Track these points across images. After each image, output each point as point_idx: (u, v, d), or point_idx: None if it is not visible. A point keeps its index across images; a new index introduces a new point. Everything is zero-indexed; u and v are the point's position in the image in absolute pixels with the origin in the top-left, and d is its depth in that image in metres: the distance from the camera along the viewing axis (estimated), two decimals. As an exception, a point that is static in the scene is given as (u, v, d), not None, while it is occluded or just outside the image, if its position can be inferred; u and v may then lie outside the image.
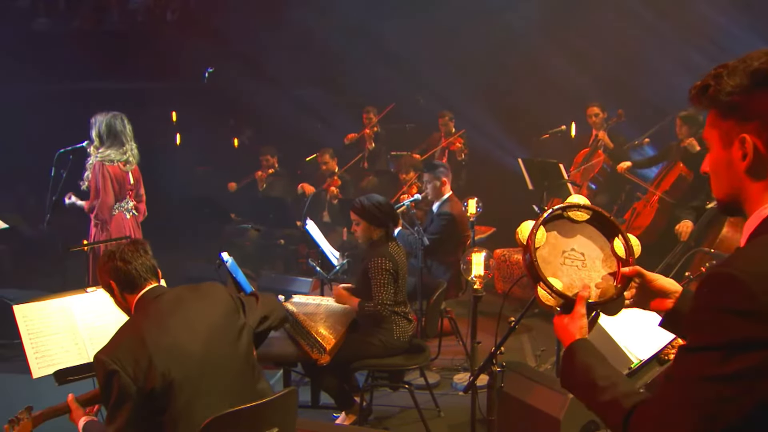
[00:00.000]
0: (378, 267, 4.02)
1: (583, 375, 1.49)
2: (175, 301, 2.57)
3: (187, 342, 2.45)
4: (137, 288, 2.58)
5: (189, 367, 2.42)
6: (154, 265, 2.64)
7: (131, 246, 2.63)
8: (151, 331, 2.41)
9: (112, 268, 2.58)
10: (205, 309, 2.60)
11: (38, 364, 3.17)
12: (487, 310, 4.18)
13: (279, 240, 7.49)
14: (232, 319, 2.65)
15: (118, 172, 5.19)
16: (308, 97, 9.95)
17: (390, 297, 4.00)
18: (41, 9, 12.33)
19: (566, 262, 1.72)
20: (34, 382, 3.16)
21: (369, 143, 8.51)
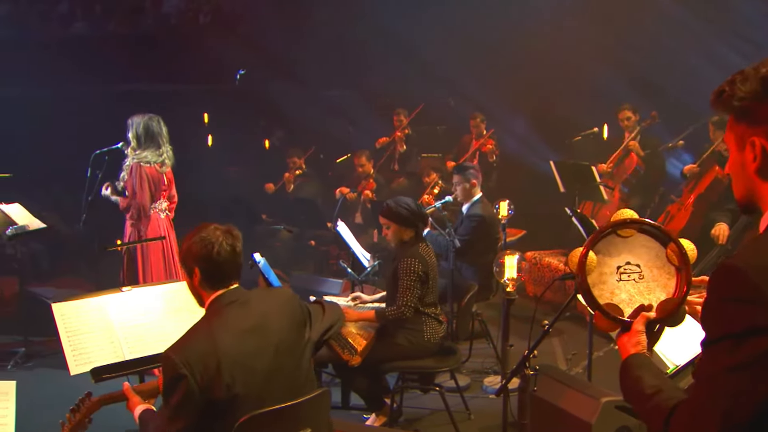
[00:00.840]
0: (407, 268, 4.02)
1: (634, 386, 1.54)
2: (250, 310, 2.50)
3: (255, 357, 2.41)
4: (219, 286, 2.51)
5: (253, 382, 2.39)
6: (241, 264, 2.56)
7: (229, 239, 2.52)
8: (224, 339, 2.37)
9: (205, 256, 2.47)
10: (277, 321, 2.54)
11: (75, 361, 3.22)
12: (517, 313, 4.17)
13: (310, 241, 7.53)
14: (300, 334, 2.61)
15: (154, 173, 5.27)
16: (339, 99, 9.98)
17: (414, 300, 4.00)
18: (79, 13, 12.56)
19: (623, 277, 1.72)
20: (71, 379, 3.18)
21: (400, 145, 8.51)
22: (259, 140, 10.19)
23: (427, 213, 4.52)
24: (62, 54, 10.95)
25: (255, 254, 3.98)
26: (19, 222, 5.81)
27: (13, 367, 5.56)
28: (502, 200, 5.19)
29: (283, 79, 9.57)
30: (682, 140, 6.85)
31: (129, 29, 12.28)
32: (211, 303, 2.51)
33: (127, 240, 5.41)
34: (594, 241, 1.72)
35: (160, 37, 11.86)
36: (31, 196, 8.87)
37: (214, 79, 10.42)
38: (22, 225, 5.79)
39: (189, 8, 12.18)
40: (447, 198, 5.49)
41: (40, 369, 5.53)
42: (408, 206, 4.18)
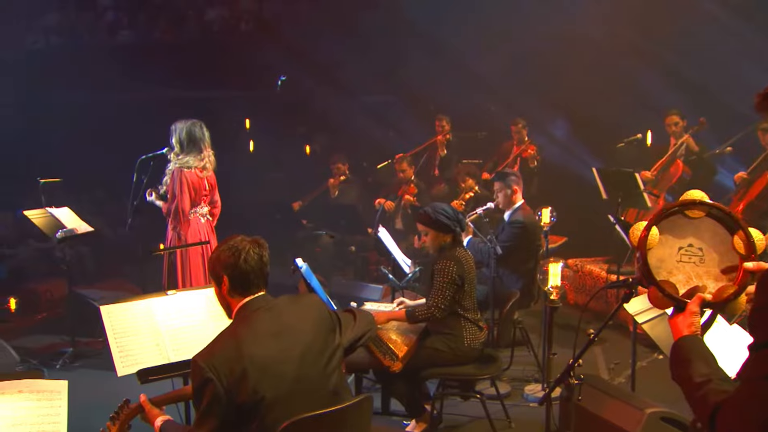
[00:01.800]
0: (442, 269, 4.04)
1: (683, 370, 1.54)
2: (276, 315, 2.55)
3: (281, 361, 2.45)
4: (247, 293, 2.57)
5: (280, 386, 2.43)
6: (267, 273, 2.62)
7: (256, 248, 2.59)
8: (249, 344, 2.42)
9: (232, 264, 2.55)
10: (303, 327, 2.58)
11: (122, 363, 3.27)
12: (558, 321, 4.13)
13: (350, 247, 7.56)
14: (328, 340, 2.64)
15: (195, 178, 5.35)
16: (380, 105, 10.02)
17: (446, 301, 4.00)
18: (124, 22, 12.86)
19: (683, 258, 1.69)
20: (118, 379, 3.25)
21: (441, 150, 8.51)
22: (300, 146, 10.28)
23: (465, 218, 4.51)
24: (108, 61, 11.23)
25: (297, 259, 4.01)
26: (68, 225, 5.97)
27: (62, 366, 5.70)
28: (545, 207, 5.16)
29: (324, 84, 9.64)
30: (731, 147, 6.71)
31: (173, 37, 12.53)
32: (239, 310, 2.58)
33: (168, 243, 5.51)
34: (659, 218, 1.70)
35: (202, 44, 12.07)
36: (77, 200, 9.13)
37: (256, 85, 10.57)
38: (70, 228, 5.95)
39: (231, 16, 12.37)
40: (488, 205, 5.47)
41: (87, 369, 5.67)
42: (445, 212, 4.18)
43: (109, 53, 11.78)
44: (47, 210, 6.03)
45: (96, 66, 11.22)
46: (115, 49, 12.20)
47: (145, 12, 12.92)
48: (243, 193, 8.09)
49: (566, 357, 3.21)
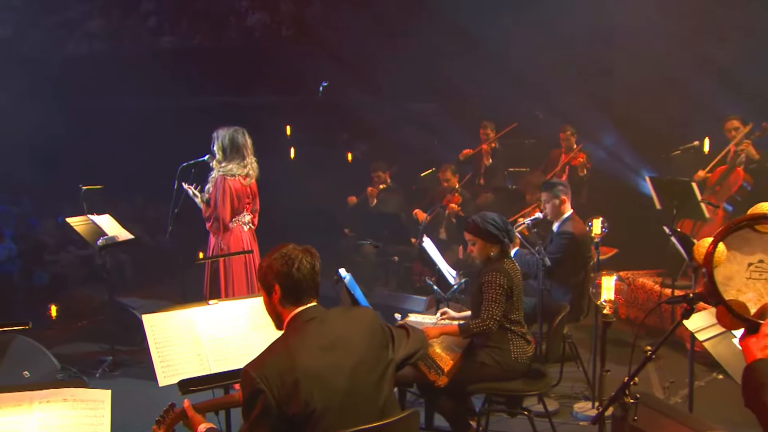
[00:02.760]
0: (491, 281, 4.01)
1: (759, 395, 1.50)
2: (329, 327, 2.57)
3: (334, 373, 2.47)
4: (299, 303, 2.59)
5: (332, 399, 2.44)
6: (319, 283, 2.63)
7: (308, 257, 2.61)
8: (302, 355, 2.44)
9: (285, 272, 2.57)
10: (356, 340, 2.59)
11: (164, 373, 3.32)
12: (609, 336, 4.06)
13: (393, 257, 7.56)
14: (381, 355, 2.65)
15: (239, 185, 5.41)
16: (424, 112, 10.01)
17: (500, 313, 3.97)
18: (166, 28, 13.11)
19: (753, 275, 1.65)
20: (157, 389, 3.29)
21: (486, 159, 8.47)
22: (342, 153, 10.33)
23: (514, 229, 4.48)
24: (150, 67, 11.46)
25: (340, 270, 4.03)
26: (109, 233, 6.09)
27: (101, 375, 5.82)
28: (595, 217, 5.09)
29: (366, 90, 9.68)
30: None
31: (214, 43, 12.72)
32: (290, 320, 2.60)
33: (210, 251, 5.58)
34: (726, 233, 1.66)
35: (243, 49, 12.23)
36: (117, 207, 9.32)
37: (297, 91, 10.67)
38: (111, 236, 6.07)
39: (272, 21, 12.52)
40: (536, 215, 5.42)
41: (127, 378, 5.78)
42: (495, 222, 4.16)
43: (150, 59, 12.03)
44: (89, 217, 6.17)
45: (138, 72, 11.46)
46: (156, 55, 12.45)
47: (186, 17, 13.16)
48: (282, 201, 8.15)
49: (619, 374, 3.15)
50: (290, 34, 12.00)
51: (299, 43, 11.28)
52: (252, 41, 12.38)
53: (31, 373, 5.10)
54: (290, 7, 12.30)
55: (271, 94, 11.38)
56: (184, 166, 5.56)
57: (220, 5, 12.94)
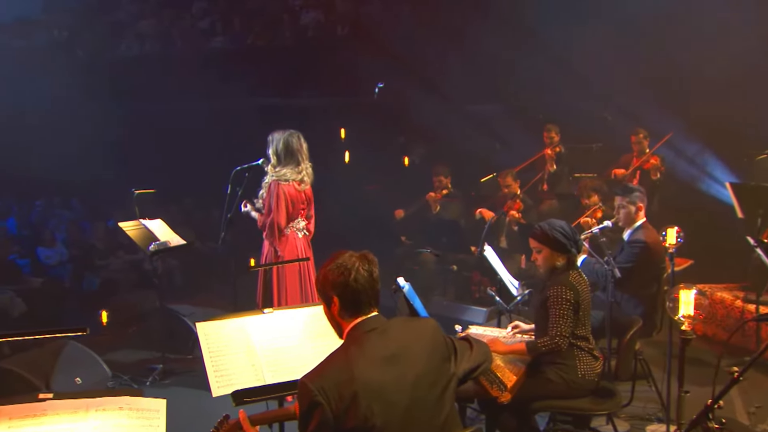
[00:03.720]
0: (557, 296, 3.95)
1: None
2: (390, 338, 2.58)
3: (394, 388, 2.47)
4: (358, 313, 2.60)
5: (392, 414, 2.44)
6: (378, 291, 2.64)
7: (365, 265, 2.62)
8: (361, 367, 2.45)
9: (342, 283, 2.58)
10: (417, 352, 2.59)
11: (218, 383, 3.35)
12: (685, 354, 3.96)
13: (452, 265, 7.54)
14: (443, 369, 2.64)
15: (293, 191, 5.47)
16: (484, 114, 9.94)
17: (569, 329, 3.91)
18: (219, 28, 13.36)
19: None
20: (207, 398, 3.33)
21: (550, 164, 8.36)
22: (399, 157, 10.35)
23: (582, 238, 4.41)
24: (201, 69, 11.68)
25: (399, 279, 4.03)
26: (161, 238, 6.22)
27: (152, 383, 5.94)
28: (670, 226, 4.97)
29: (425, 92, 9.67)
30: None
31: (267, 42, 12.89)
32: (350, 331, 2.60)
33: (264, 258, 5.64)
34: None
35: (297, 49, 12.36)
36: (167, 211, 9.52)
37: (352, 92, 10.73)
38: (163, 241, 6.19)
39: (327, 20, 12.61)
40: (606, 223, 5.33)
41: (178, 387, 5.88)
42: (563, 230, 4.10)
43: (202, 59, 12.25)
44: (141, 222, 6.29)
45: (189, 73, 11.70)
46: (208, 56, 12.68)
47: (239, 17, 13.37)
48: (337, 207, 8.20)
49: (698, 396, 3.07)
50: (345, 33, 12.08)
51: (355, 42, 11.34)
52: (306, 41, 12.50)
53: (82, 380, 5.26)
54: (346, 5, 12.38)
55: (325, 95, 11.47)
56: (237, 170, 5.61)
57: (274, 4, 13.11)
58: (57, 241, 10.08)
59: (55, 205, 12.87)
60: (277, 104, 11.58)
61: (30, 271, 9.34)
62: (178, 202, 11.52)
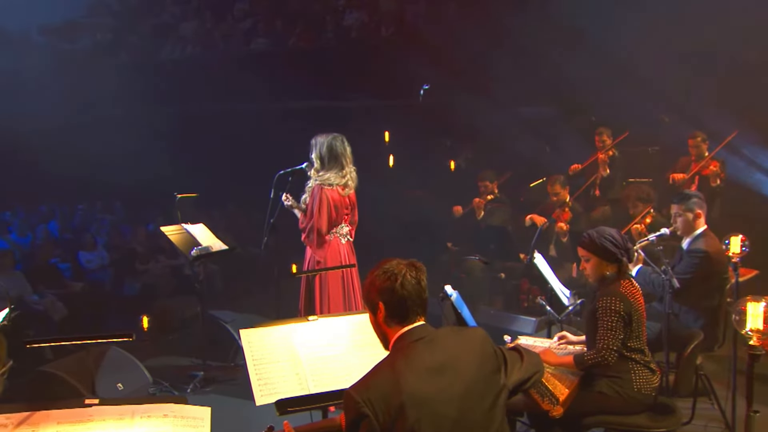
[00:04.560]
0: (606, 307, 3.89)
1: None
2: (438, 348, 2.57)
3: (443, 399, 2.46)
4: (405, 322, 2.60)
5: (440, 427, 2.44)
6: (426, 299, 2.64)
7: (412, 272, 2.62)
8: (408, 378, 2.44)
9: (388, 289, 2.59)
10: (467, 363, 2.58)
11: (261, 391, 3.38)
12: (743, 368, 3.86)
13: (500, 273, 7.49)
14: (492, 381, 2.63)
15: (337, 196, 5.49)
16: (534, 117, 9.87)
17: (617, 342, 3.84)
18: (260, 29, 13.49)
19: None
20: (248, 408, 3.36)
21: (602, 169, 8.25)
22: (444, 161, 10.32)
23: (637, 247, 4.34)
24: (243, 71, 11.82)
25: (447, 287, 4.02)
26: (203, 243, 6.29)
27: (193, 391, 6.00)
28: (734, 234, 4.86)
29: (471, 94, 9.63)
30: None
31: (309, 44, 12.98)
32: (397, 340, 2.60)
33: (306, 264, 5.67)
34: None
35: (340, 51, 12.42)
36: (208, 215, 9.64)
37: (397, 94, 10.73)
38: (205, 246, 6.26)
39: (371, 20, 12.65)
40: (663, 230, 5.23)
41: (219, 395, 5.93)
42: (613, 238, 4.04)
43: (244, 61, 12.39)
44: (183, 226, 6.35)
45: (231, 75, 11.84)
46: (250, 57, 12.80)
47: (282, 18, 13.49)
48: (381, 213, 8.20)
49: (767, 416, 2.98)
50: (390, 34, 12.11)
51: (399, 43, 11.37)
52: (349, 42, 12.55)
53: (124, 386, 5.35)
54: (390, 4, 12.40)
55: (368, 97, 11.49)
56: (280, 174, 5.67)
57: (317, 4, 13.18)
58: (98, 245, 10.28)
59: (98, 209, 13.14)
60: (320, 107, 11.65)
61: (71, 276, 9.54)
62: (219, 206, 11.65)
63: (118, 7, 14.98)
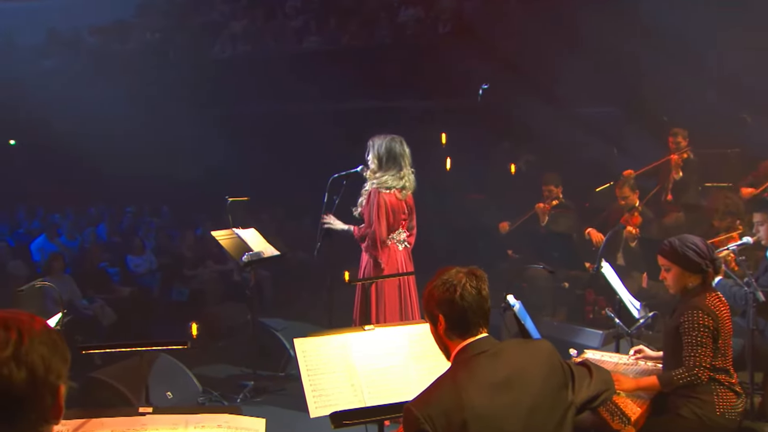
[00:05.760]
0: (693, 322, 3.78)
1: None
2: (502, 362, 2.54)
3: (507, 416, 2.44)
4: (466, 334, 2.58)
5: None
6: (488, 310, 2.61)
7: (473, 281, 2.58)
8: (472, 394, 2.42)
9: (447, 301, 2.56)
10: (532, 378, 2.54)
11: (315, 403, 3.38)
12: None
13: (563, 283, 7.40)
14: (560, 397, 2.59)
15: (394, 200, 5.46)
16: (600, 117, 9.73)
17: (709, 359, 3.73)
18: (313, 27, 13.58)
19: None
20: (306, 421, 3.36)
21: (675, 172, 8.07)
22: (504, 164, 10.26)
23: (719, 257, 4.22)
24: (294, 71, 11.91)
25: (509, 296, 3.97)
26: (254, 248, 6.33)
27: (242, 401, 6.05)
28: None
29: (533, 93, 9.55)
30: None
31: (363, 42, 13.02)
32: (458, 353, 2.57)
33: (362, 271, 5.66)
34: None
35: (395, 49, 12.44)
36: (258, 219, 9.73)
37: (454, 94, 10.70)
38: (257, 251, 6.30)
39: (427, 17, 12.63)
40: (745, 239, 5.10)
41: (270, 406, 5.94)
42: (697, 247, 3.93)
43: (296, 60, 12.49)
44: (234, 231, 6.40)
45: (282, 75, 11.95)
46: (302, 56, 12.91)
47: (334, 16, 13.56)
48: (437, 218, 8.17)
49: None
50: (447, 31, 12.06)
51: (457, 40, 11.32)
52: (404, 39, 12.55)
53: (173, 394, 5.42)
54: (448, 0, 12.36)
55: (425, 98, 11.48)
56: (334, 177, 5.67)
57: (371, 1, 13.22)
58: (146, 250, 10.45)
59: (145, 212, 13.39)
60: (374, 108, 11.68)
61: (119, 280, 9.73)
62: (269, 210, 11.75)
63: (167, 7, 15.26)
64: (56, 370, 1.57)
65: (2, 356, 1.50)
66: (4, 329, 1.54)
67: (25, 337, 1.54)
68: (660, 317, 4.99)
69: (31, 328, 1.57)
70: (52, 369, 1.56)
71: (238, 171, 11.56)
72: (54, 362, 1.56)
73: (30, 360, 1.52)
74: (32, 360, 1.52)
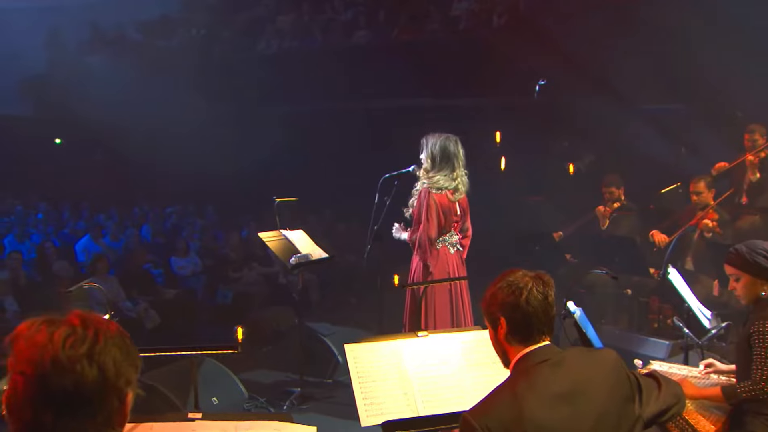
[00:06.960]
0: (763, 333, 3.69)
1: None
2: (565, 372, 2.51)
3: (570, 429, 2.41)
4: (528, 341, 2.55)
5: None
6: (553, 317, 2.58)
7: (540, 286, 2.55)
8: (532, 405, 2.39)
9: (512, 304, 2.53)
10: (597, 390, 2.51)
11: (367, 411, 3.40)
12: None
13: (626, 289, 7.30)
14: (626, 410, 2.55)
15: (446, 201, 5.46)
16: (666, 114, 9.58)
17: None
18: (362, 21, 13.61)
19: None
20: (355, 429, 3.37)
21: (751, 172, 7.86)
22: (563, 164, 10.17)
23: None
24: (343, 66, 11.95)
25: (569, 303, 3.93)
26: (302, 250, 6.34)
27: (289, 408, 6.07)
28: None
29: (593, 90, 9.44)
30: None
31: (413, 36, 13.00)
32: (518, 361, 2.54)
33: (412, 275, 5.65)
34: None
35: (448, 43, 12.40)
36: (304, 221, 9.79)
37: (509, 91, 10.65)
38: (305, 254, 6.32)
39: (481, 9, 12.55)
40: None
41: (317, 414, 5.95)
42: (767, 253, 3.85)
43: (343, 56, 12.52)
44: (281, 232, 6.42)
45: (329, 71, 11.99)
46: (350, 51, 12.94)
47: (384, 9, 13.56)
48: (492, 220, 8.11)
49: None
50: (503, 24, 11.98)
51: (513, 34, 11.24)
52: (457, 33, 12.50)
53: (219, 400, 5.48)
54: (503, -8, 12.29)
55: (479, 94, 11.43)
56: (386, 177, 5.69)
57: (422, -7, 13.19)
58: (190, 251, 10.58)
59: (190, 212, 13.56)
60: (425, 105, 11.67)
61: (163, 282, 9.87)
62: (317, 211, 11.81)
63: (212, 1, 15.45)
64: (126, 374, 1.61)
65: (78, 352, 1.54)
66: (82, 327, 1.58)
67: (101, 337, 1.58)
68: (733, 328, 4.87)
69: (107, 329, 1.61)
70: (122, 373, 1.59)
71: (285, 171, 11.64)
72: (125, 367, 1.60)
73: (102, 360, 1.56)
74: (104, 361, 1.56)
